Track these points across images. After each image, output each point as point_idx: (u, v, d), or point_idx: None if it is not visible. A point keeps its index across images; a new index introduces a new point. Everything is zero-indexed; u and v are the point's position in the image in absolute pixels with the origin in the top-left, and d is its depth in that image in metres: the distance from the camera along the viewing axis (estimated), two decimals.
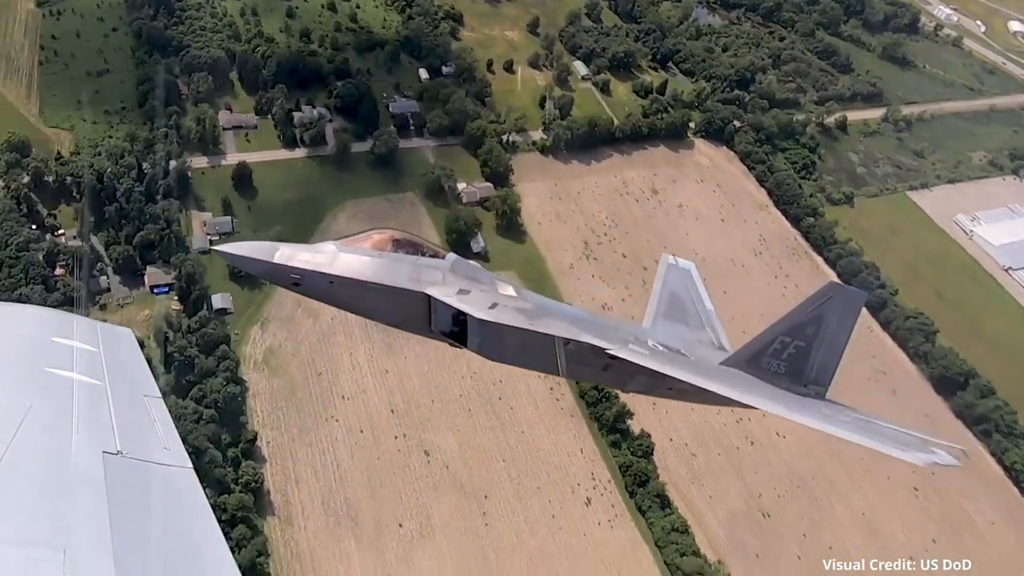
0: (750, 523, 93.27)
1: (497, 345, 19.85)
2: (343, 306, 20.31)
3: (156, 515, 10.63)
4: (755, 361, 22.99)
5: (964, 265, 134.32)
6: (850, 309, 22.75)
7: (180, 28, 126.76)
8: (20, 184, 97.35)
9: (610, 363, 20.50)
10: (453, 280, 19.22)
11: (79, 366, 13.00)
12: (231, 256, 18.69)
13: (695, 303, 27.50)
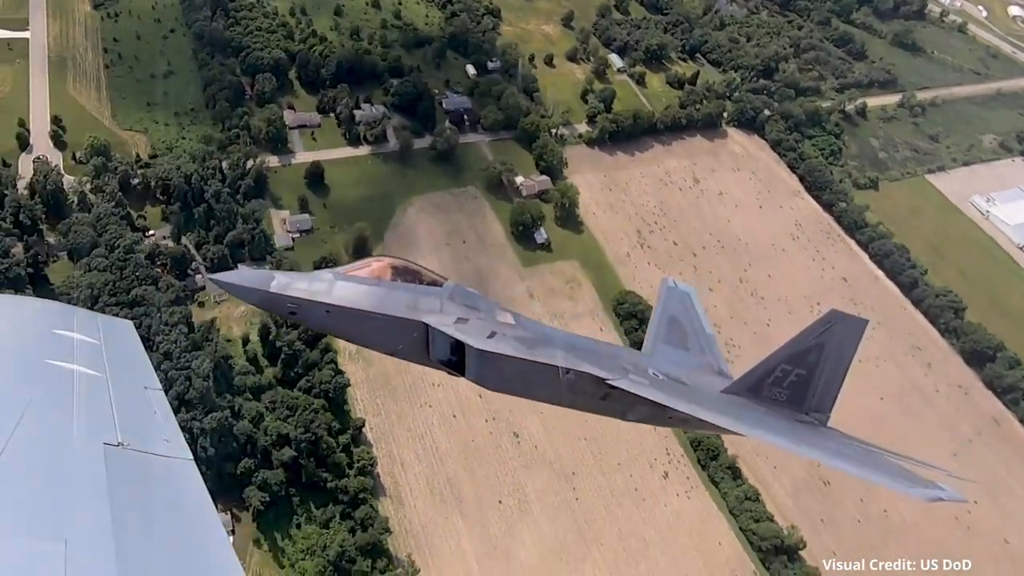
0: (812, 491, 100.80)
1: (495, 375, 19.51)
2: (341, 335, 20.35)
3: (156, 506, 10.78)
4: (756, 389, 23.02)
5: (983, 244, 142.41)
6: (851, 336, 22.77)
7: (237, 29, 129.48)
8: (114, 188, 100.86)
9: (609, 393, 20.36)
10: (451, 308, 19.27)
11: (80, 358, 13.10)
12: (227, 285, 18.43)
13: (695, 328, 27.48)
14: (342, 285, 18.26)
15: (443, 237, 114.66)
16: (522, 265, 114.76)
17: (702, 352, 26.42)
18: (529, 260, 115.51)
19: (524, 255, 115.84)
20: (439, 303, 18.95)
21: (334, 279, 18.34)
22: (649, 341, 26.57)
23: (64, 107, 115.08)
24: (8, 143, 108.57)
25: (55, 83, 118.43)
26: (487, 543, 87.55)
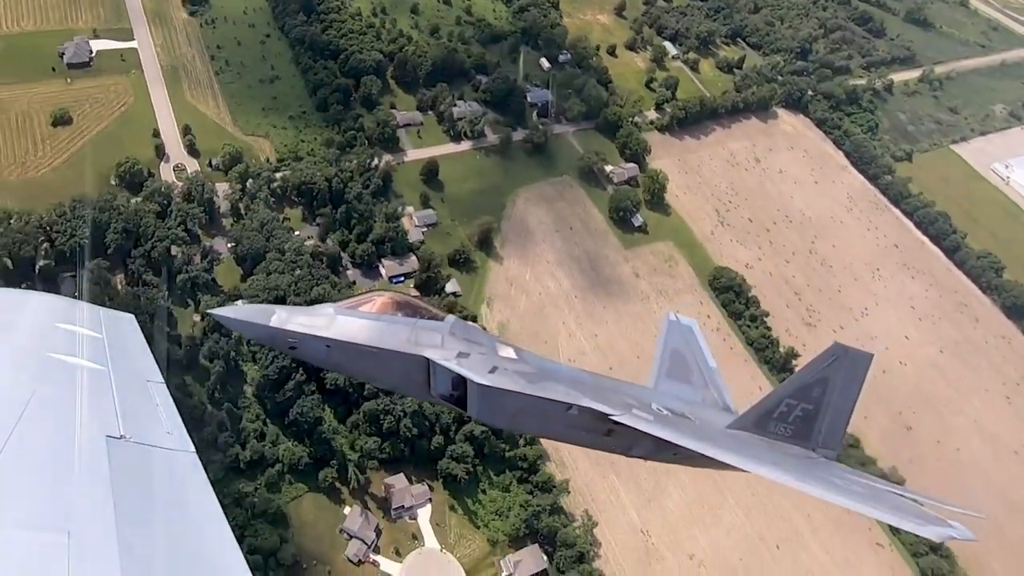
0: (898, 436, 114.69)
1: (497, 410, 19.42)
2: (341, 370, 20.41)
3: (159, 498, 10.74)
4: (762, 425, 22.51)
5: (1008, 208, 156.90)
6: (856, 370, 22.40)
7: (331, 32, 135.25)
8: (266, 193, 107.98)
9: (613, 429, 19.99)
10: (452, 343, 18.95)
11: (83, 352, 13.05)
12: (227, 320, 18.53)
13: (697, 361, 27.29)
14: (343, 320, 18.18)
15: (551, 225, 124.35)
16: (623, 247, 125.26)
17: (706, 386, 26.54)
18: (629, 243, 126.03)
19: (624, 238, 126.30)
20: (440, 338, 18.76)
21: (335, 314, 18.29)
22: (652, 375, 26.66)
23: (187, 115, 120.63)
24: (147, 152, 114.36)
25: (173, 92, 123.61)
26: (641, 496, 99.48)
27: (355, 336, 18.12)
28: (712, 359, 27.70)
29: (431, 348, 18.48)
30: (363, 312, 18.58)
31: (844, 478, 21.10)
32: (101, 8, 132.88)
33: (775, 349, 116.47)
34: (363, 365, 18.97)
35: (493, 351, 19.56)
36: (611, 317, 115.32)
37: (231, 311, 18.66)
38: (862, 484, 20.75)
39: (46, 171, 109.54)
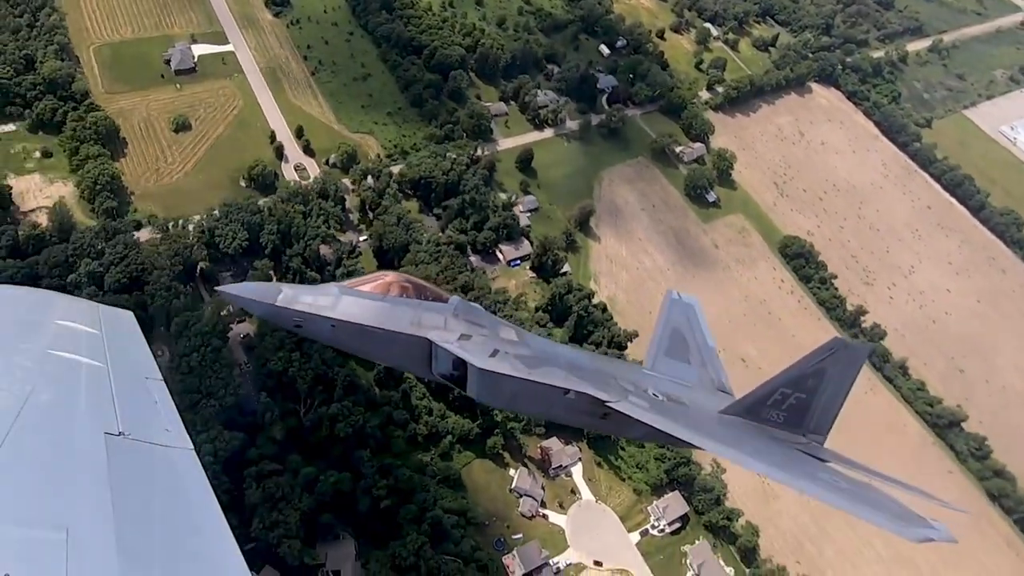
0: (953, 378, 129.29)
1: (496, 392, 19.71)
2: (345, 349, 20.27)
3: (157, 495, 10.83)
4: (755, 411, 22.88)
5: (1018, 168, 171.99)
6: (852, 363, 22.67)
7: (412, 28, 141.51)
8: (393, 189, 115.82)
9: (608, 412, 20.32)
10: (455, 325, 19.15)
11: (81, 348, 13.13)
12: (234, 298, 18.57)
13: (696, 340, 27.45)
14: (348, 300, 18.32)
15: (636, 204, 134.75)
16: (701, 222, 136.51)
17: (703, 365, 26.63)
18: (705, 217, 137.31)
19: (700, 213, 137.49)
20: (443, 319, 19.00)
21: (340, 294, 18.40)
22: (651, 354, 26.86)
23: (295, 116, 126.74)
24: (267, 154, 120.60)
25: (276, 94, 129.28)
26: None
27: (359, 316, 18.32)
28: (711, 338, 27.96)
29: (434, 330, 18.85)
30: (368, 293, 18.83)
31: (832, 472, 21.24)
32: (192, 13, 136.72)
33: (844, 308, 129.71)
34: (367, 345, 19.05)
35: (495, 333, 19.91)
36: (700, 286, 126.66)
37: (238, 288, 18.44)
38: (846, 479, 20.78)
39: (179, 176, 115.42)
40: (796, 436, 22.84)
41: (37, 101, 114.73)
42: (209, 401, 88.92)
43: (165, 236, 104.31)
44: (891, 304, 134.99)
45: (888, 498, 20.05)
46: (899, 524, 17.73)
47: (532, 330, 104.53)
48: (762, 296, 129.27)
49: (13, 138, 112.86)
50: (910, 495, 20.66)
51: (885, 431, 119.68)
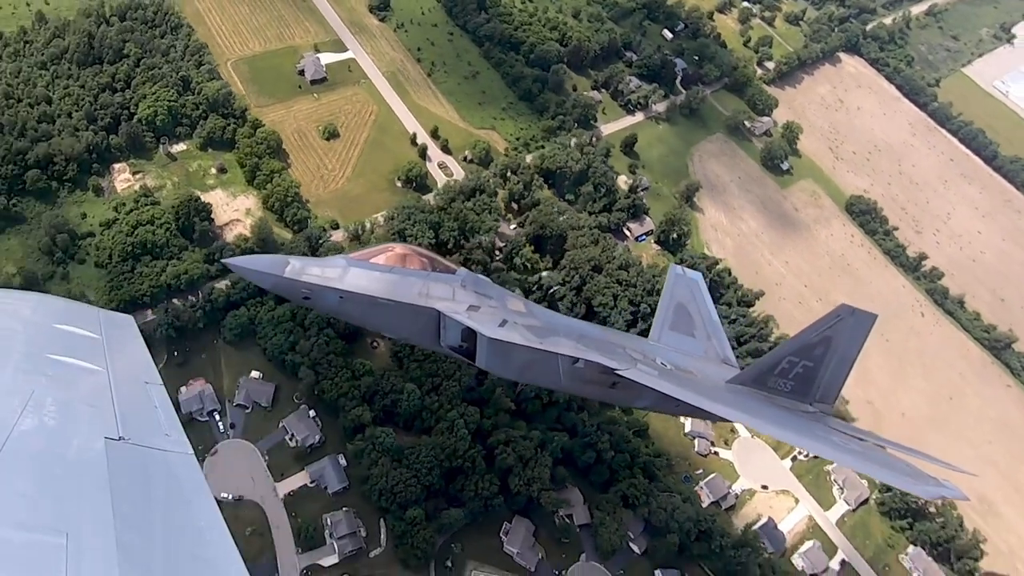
0: (998, 308, 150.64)
1: (506, 362, 19.60)
2: (353, 321, 20.30)
3: (157, 500, 10.77)
4: (762, 380, 23.37)
5: (1012, 119, 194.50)
6: (859, 330, 22.80)
7: (507, 25, 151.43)
8: (539, 181, 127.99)
9: (618, 381, 20.54)
10: (463, 296, 19.21)
11: (81, 352, 13.10)
12: (242, 269, 18.34)
13: (701, 315, 27.60)
14: (356, 272, 18.64)
15: (725, 176, 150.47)
16: (780, 188, 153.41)
17: (708, 340, 27.06)
18: (781, 184, 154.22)
19: (777, 180, 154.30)
20: (451, 291, 19.44)
21: (348, 265, 18.75)
22: (656, 328, 27.11)
23: (423, 117, 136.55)
24: (411, 154, 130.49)
25: (403, 96, 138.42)
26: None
27: (368, 288, 18.31)
28: (715, 313, 28.09)
29: (442, 301, 18.86)
30: (376, 264, 18.76)
31: (841, 435, 21.35)
32: (307, 23, 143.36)
33: (906, 255, 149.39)
34: (375, 316, 18.95)
35: (503, 304, 19.84)
36: (791, 246, 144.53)
37: (246, 260, 18.38)
38: (857, 442, 20.96)
39: (343, 182, 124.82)
40: (803, 405, 23.17)
41: (202, 120, 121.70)
42: (450, 382, 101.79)
43: (355, 239, 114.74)
44: (938, 248, 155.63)
45: (898, 460, 20.80)
46: (912, 483, 18.04)
47: None
48: (840, 251, 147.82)
49: (188, 157, 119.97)
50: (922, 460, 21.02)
51: (955, 357, 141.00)
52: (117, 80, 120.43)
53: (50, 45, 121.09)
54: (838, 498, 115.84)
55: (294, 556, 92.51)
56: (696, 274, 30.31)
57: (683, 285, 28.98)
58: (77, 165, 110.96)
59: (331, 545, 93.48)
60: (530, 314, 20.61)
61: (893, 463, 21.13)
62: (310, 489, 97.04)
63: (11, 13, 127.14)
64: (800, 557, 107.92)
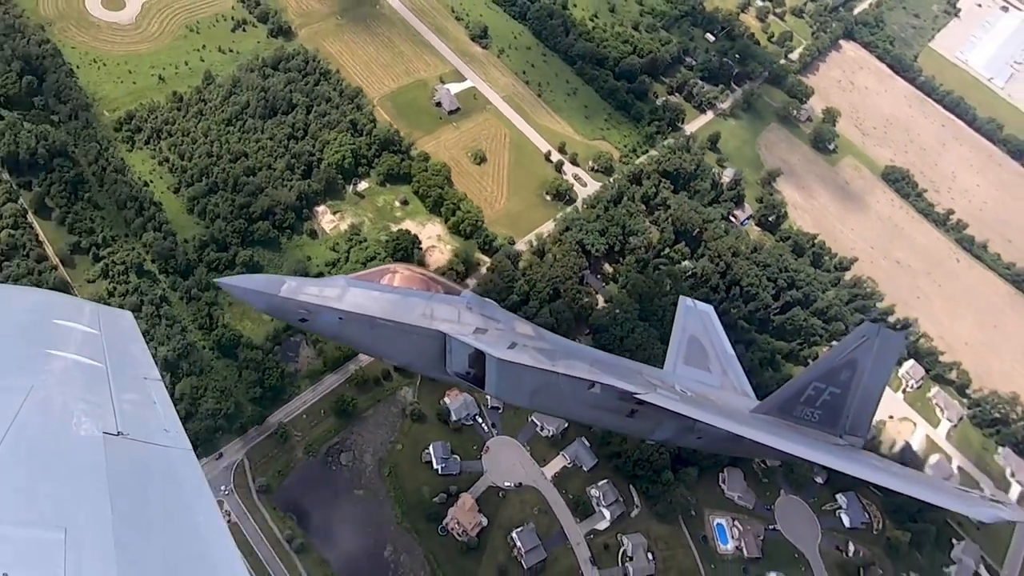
0: (1009, 247, 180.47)
1: (516, 386, 18.45)
2: (353, 344, 19.18)
3: (156, 495, 10.70)
4: (787, 409, 22.12)
5: (978, 86, 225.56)
6: (888, 352, 21.60)
7: (589, 44, 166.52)
8: (666, 184, 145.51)
9: (637, 409, 19.32)
10: (469, 318, 18.17)
11: (80, 348, 13.01)
12: (236, 289, 17.54)
13: (715, 347, 27.10)
14: (356, 291, 17.77)
15: (788, 161, 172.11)
16: (830, 167, 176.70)
17: (724, 373, 26.66)
18: (830, 162, 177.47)
19: (826, 159, 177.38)
20: (456, 312, 18.46)
21: (347, 285, 17.89)
22: (670, 362, 26.71)
23: (547, 134, 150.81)
24: (548, 170, 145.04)
25: (525, 117, 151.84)
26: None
27: (369, 308, 17.56)
28: (729, 346, 27.18)
29: (447, 322, 18.15)
30: (377, 284, 18.16)
31: (881, 460, 21.19)
32: (426, 57, 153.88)
33: (936, 213, 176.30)
34: (376, 339, 18.05)
35: (511, 327, 19.35)
36: (852, 215, 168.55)
37: (239, 280, 17.75)
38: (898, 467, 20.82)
39: (503, 202, 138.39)
40: (833, 437, 21.87)
41: (376, 158, 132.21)
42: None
43: (537, 252, 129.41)
44: (953, 202, 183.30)
45: (944, 483, 22.47)
46: (967, 505, 17.57)
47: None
48: (887, 214, 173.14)
49: (372, 193, 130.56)
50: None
51: (989, 293, 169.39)
52: (296, 129, 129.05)
53: (228, 102, 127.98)
54: (941, 418, 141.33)
55: (575, 525, 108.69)
56: (707, 306, 29.42)
57: (695, 318, 28.06)
58: (292, 212, 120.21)
59: (600, 512, 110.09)
60: (540, 337, 19.89)
61: (942, 485, 20.88)
62: (569, 469, 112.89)
63: (175, 73, 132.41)
64: (930, 469, 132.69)
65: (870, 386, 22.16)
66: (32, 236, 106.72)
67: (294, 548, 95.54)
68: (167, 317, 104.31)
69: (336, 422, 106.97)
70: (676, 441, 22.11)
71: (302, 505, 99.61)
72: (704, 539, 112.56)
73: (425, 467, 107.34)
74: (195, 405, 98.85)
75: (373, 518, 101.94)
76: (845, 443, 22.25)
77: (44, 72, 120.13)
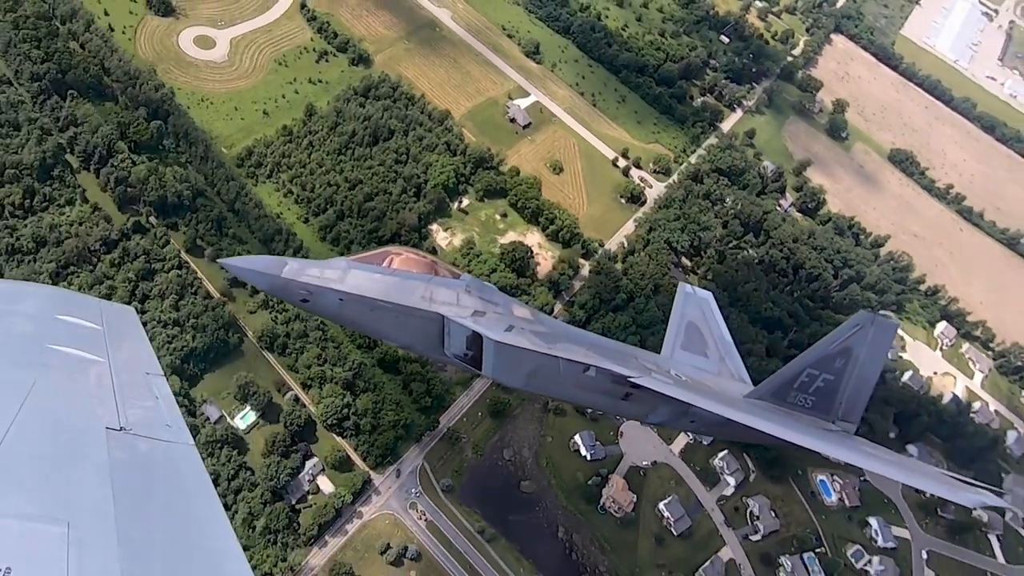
0: (998, 211, 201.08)
1: (513, 369, 18.65)
2: (353, 325, 19.12)
3: (158, 490, 10.72)
4: (781, 395, 22.17)
5: (947, 68, 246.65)
6: (881, 340, 21.62)
7: (630, 53, 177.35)
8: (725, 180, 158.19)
9: (631, 392, 19.34)
10: (468, 301, 18.27)
11: (82, 343, 12.96)
12: (237, 270, 17.81)
13: (713, 334, 26.65)
14: (357, 273, 17.94)
15: (812, 149, 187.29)
16: (844, 152, 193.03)
17: (721, 360, 26.36)
18: (845, 148, 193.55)
19: (841, 146, 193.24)
20: (455, 295, 18.55)
21: (348, 267, 18.03)
22: (667, 347, 26.38)
23: (609, 141, 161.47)
24: (616, 175, 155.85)
25: (587, 126, 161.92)
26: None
27: (369, 290, 17.79)
28: (727, 332, 27.24)
29: (446, 305, 18.33)
30: (378, 267, 18.31)
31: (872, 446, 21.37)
32: (491, 76, 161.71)
33: (938, 188, 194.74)
34: (376, 321, 18.30)
35: (509, 311, 19.52)
36: (872, 196, 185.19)
37: (242, 261, 17.98)
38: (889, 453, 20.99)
39: (586, 207, 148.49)
40: (825, 423, 22.50)
41: (472, 175, 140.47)
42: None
43: (628, 253, 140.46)
44: (948, 177, 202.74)
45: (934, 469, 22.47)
46: (951, 490, 18.00)
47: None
48: (899, 192, 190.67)
49: (474, 209, 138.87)
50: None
51: (991, 256, 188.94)
52: (400, 153, 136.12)
53: (335, 132, 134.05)
54: (975, 370, 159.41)
55: (706, 493, 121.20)
56: (706, 293, 29.58)
57: (693, 304, 28.20)
58: (416, 233, 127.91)
59: (724, 480, 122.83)
60: (537, 321, 20.26)
61: (928, 471, 21.90)
62: (692, 444, 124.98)
63: (275, 107, 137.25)
64: (975, 416, 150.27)
65: (864, 373, 22.61)
66: (192, 273, 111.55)
67: (486, 538, 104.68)
68: (333, 340, 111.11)
69: (492, 422, 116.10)
70: (670, 424, 22.30)
71: (482, 499, 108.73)
72: (812, 494, 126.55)
73: (574, 455, 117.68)
74: (376, 419, 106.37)
75: (542, 505, 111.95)
76: (838, 429, 22.70)
77: (167, 115, 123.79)
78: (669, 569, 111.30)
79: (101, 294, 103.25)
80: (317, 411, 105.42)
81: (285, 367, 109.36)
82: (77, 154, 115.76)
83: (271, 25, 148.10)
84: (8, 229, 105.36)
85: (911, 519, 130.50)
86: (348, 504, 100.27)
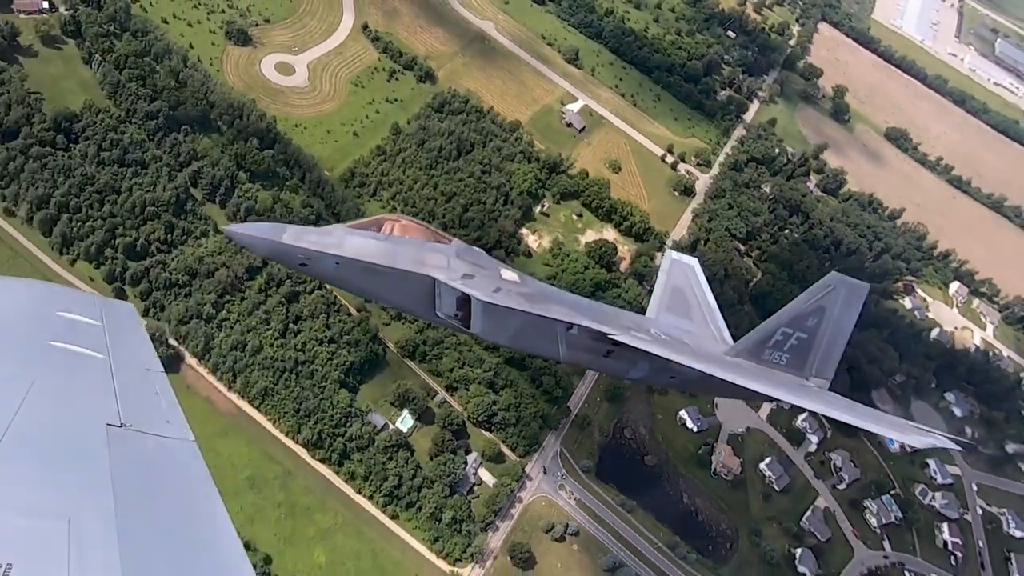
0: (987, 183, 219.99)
1: (500, 328, 19.41)
2: (349, 288, 19.93)
3: (159, 486, 10.66)
4: (757, 352, 23.11)
5: (916, 47, 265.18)
6: (852, 300, 22.47)
7: (658, 55, 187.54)
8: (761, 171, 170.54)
9: (612, 349, 20.16)
10: (458, 265, 19.04)
11: (82, 340, 12.85)
12: (239, 236, 18.23)
13: (698, 299, 27.29)
14: (353, 239, 18.58)
15: (824, 132, 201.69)
16: (848, 133, 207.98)
17: (705, 323, 27.16)
18: (848, 130, 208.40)
19: (845, 128, 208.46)
20: (446, 260, 19.32)
21: (345, 233, 18.67)
22: (652, 309, 27.32)
23: (654, 138, 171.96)
24: (665, 169, 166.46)
25: (632, 126, 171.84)
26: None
27: (364, 254, 18.45)
28: (712, 297, 28.02)
29: (437, 269, 19.08)
30: (373, 232, 18.96)
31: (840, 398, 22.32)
32: (542, 84, 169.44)
33: (929, 161, 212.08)
34: (371, 283, 19.04)
35: (497, 274, 20.29)
36: (879, 172, 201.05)
37: (244, 227, 18.53)
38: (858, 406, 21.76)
39: (647, 202, 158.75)
40: (799, 379, 23.64)
41: (547, 180, 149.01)
42: None
43: (694, 242, 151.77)
44: (934, 150, 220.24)
45: (892, 417, 24.00)
46: (902, 434, 19.58)
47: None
48: (898, 167, 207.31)
49: (553, 211, 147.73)
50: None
51: (981, 218, 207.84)
52: (484, 164, 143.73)
53: (424, 148, 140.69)
54: (986, 322, 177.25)
55: (794, 452, 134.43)
56: (692, 259, 30.51)
57: (679, 270, 29.14)
58: (514, 239, 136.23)
59: (808, 439, 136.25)
60: (524, 283, 20.81)
61: (884, 417, 23.20)
62: (775, 409, 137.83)
63: (363, 128, 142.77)
64: (998, 362, 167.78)
65: (836, 332, 23.55)
66: (330, 294, 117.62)
67: (627, 510, 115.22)
68: (465, 344, 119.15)
69: (609, 406, 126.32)
70: (651, 380, 23.51)
71: (615, 475, 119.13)
72: (879, 444, 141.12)
73: (681, 428, 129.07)
74: (518, 412, 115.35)
75: (665, 475, 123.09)
76: (812, 384, 23.80)
77: (272, 143, 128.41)
78: (778, 520, 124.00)
79: (259, 320, 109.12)
80: (467, 410, 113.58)
81: (428, 372, 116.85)
82: (202, 187, 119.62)
83: (340, 47, 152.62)
84: (161, 264, 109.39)
85: (958, 458, 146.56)
86: (512, 492, 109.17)
